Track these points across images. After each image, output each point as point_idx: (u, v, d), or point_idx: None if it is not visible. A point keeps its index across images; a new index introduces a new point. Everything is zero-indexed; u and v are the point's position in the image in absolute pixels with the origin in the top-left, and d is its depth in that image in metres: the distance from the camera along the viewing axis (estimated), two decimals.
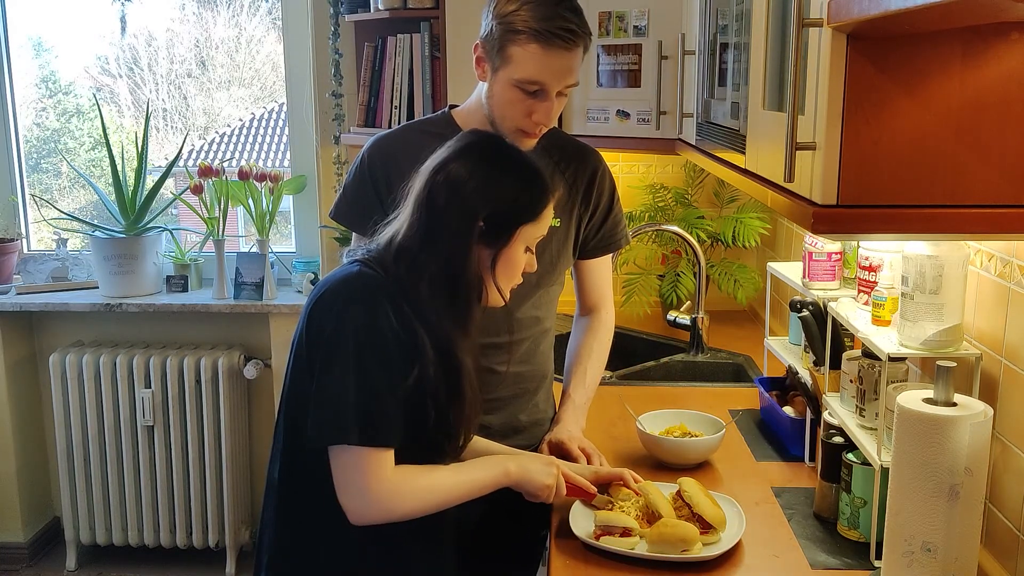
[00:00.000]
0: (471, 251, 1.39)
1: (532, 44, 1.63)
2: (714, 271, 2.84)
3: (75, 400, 3.32)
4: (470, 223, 1.39)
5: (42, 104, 4.11)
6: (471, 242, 1.39)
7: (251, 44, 4.56)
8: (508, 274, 1.46)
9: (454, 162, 1.40)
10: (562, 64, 1.66)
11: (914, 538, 1.27)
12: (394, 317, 1.35)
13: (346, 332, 1.33)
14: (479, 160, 1.42)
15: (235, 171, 3.28)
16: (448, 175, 1.39)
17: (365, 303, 1.35)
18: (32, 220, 3.63)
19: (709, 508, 1.55)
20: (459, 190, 1.38)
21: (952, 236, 1.37)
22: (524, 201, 1.43)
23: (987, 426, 1.25)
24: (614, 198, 1.92)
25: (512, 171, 1.44)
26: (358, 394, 1.32)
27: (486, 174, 1.41)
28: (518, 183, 1.43)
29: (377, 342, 1.34)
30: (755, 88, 1.48)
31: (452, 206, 1.38)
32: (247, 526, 3.51)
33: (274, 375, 3.34)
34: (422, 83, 2.85)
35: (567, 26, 1.63)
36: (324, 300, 1.38)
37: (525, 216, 1.43)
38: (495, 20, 1.67)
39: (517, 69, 1.65)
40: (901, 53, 1.10)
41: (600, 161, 1.90)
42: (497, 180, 1.41)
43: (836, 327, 1.72)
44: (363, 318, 1.33)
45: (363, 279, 1.38)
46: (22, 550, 3.49)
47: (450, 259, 1.39)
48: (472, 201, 1.39)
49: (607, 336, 1.97)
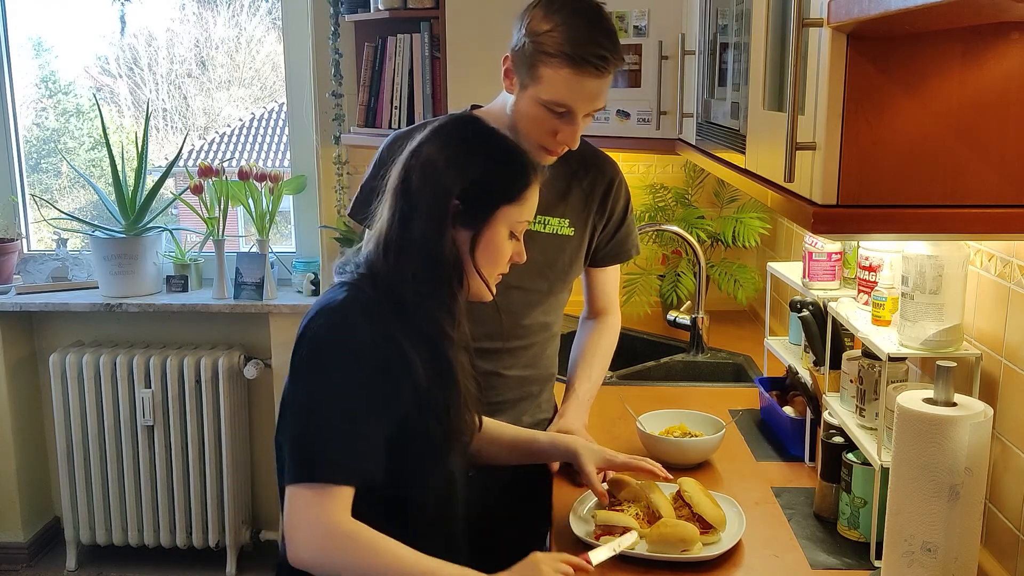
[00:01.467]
0: (446, 231, 1.35)
1: (564, 68, 1.61)
2: (714, 271, 2.84)
3: (75, 400, 3.32)
4: (444, 202, 1.34)
5: (42, 104, 4.11)
6: (446, 222, 1.35)
7: (251, 44, 4.56)
8: (491, 260, 1.41)
9: (427, 144, 1.38)
10: (592, 89, 1.64)
11: (914, 538, 1.27)
12: (379, 339, 1.31)
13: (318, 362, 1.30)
14: (451, 139, 1.39)
15: (235, 171, 3.28)
16: (421, 157, 1.37)
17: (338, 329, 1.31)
18: (32, 220, 3.63)
19: (709, 508, 1.55)
20: (432, 169, 1.35)
21: (952, 236, 1.38)
22: (500, 179, 1.39)
23: (987, 426, 1.25)
24: (628, 208, 1.93)
25: (486, 150, 1.40)
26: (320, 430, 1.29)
27: (458, 152, 1.37)
28: (492, 161, 1.39)
29: (353, 373, 1.30)
30: (755, 88, 1.48)
31: (426, 187, 1.35)
32: (247, 526, 3.51)
33: (274, 375, 3.35)
34: (422, 83, 2.85)
35: (600, 52, 1.61)
36: (302, 336, 1.34)
37: (502, 196, 1.39)
38: (527, 37, 1.64)
39: (546, 90, 1.63)
40: (901, 53, 1.10)
41: (617, 171, 1.91)
42: (470, 158, 1.38)
43: (836, 327, 1.72)
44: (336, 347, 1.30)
45: (338, 306, 1.33)
46: (22, 550, 3.49)
47: (427, 242, 1.35)
48: (445, 179, 1.35)
49: (614, 339, 1.99)
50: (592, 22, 1.63)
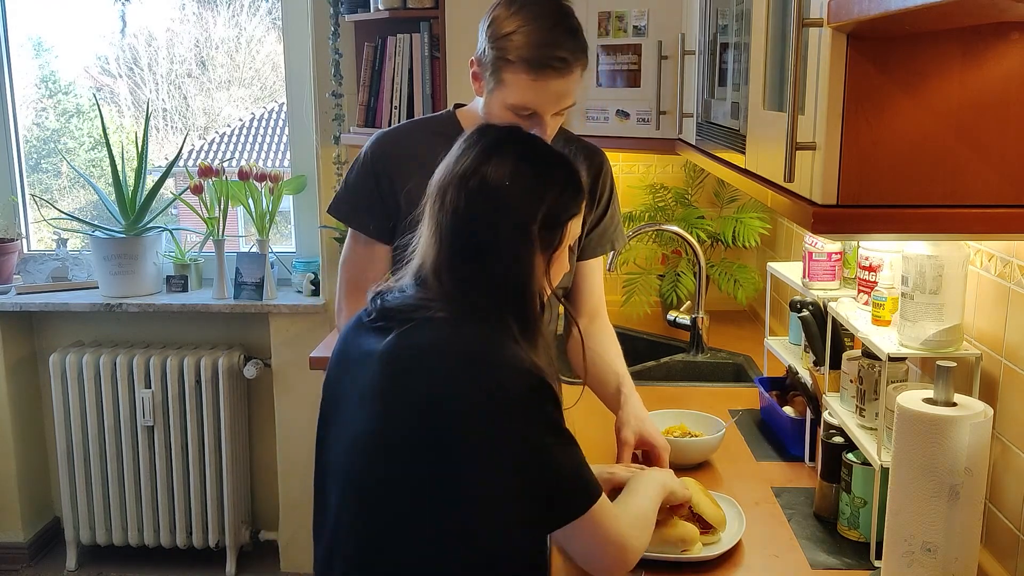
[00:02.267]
0: (535, 260, 1.26)
1: (523, 73, 1.60)
2: (714, 271, 2.84)
3: (75, 400, 3.32)
4: (528, 230, 1.24)
5: (42, 104, 4.10)
6: (534, 250, 1.25)
7: (251, 44, 4.56)
8: (558, 277, 1.35)
9: (487, 165, 1.25)
10: (555, 90, 1.63)
11: (914, 538, 1.27)
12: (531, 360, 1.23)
13: (519, 403, 1.19)
14: (516, 159, 1.27)
15: (235, 171, 3.28)
16: (484, 181, 1.24)
17: (510, 363, 1.20)
18: (32, 220, 3.63)
19: (709, 508, 1.55)
20: (505, 196, 1.24)
21: (952, 236, 1.38)
22: (570, 193, 1.31)
23: (987, 426, 1.25)
24: (613, 195, 1.92)
25: (549, 165, 1.31)
26: (566, 459, 1.21)
27: (529, 174, 1.27)
28: (559, 175, 1.31)
29: (550, 394, 1.21)
30: (755, 88, 1.48)
31: (502, 215, 1.24)
32: (247, 526, 3.51)
33: (274, 375, 3.35)
34: (422, 83, 2.85)
35: (559, 54, 1.59)
36: (452, 377, 1.20)
37: (573, 209, 1.31)
38: (488, 42, 1.64)
39: (510, 94, 1.63)
40: (901, 53, 1.10)
41: (605, 160, 1.90)
42: (541, 179, 1.28)
43: (836, 327, 1.72)
44: (524, 379, 1.20)
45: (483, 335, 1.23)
46: (22, 550, 3.49)
47: (514, 274, 1.25)
48: (524, 205, 1.25)
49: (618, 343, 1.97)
50: (552, 21, 1.61)
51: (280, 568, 3.46)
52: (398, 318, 1.27)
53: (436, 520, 1.21)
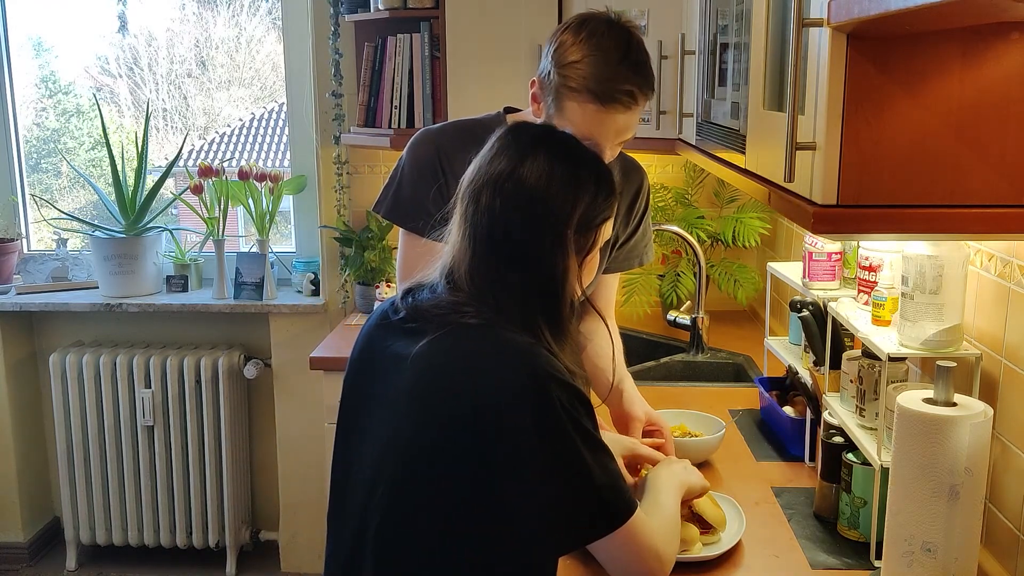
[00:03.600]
0: (570, 263, 1.24)
1: (589, 105, 1.55)
2: (714, 271, 2.84)
3: (75, 400, 3.32)
4: (563, 234, 1.23)
5: (42, 104, 4.10)
6: (568, 252, 1.23)
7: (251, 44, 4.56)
8: (588, 279, 1.32)
9: (522, 167, 1.23)
10: (620, 124, 1.59)
11: (914, 538, 1.27)
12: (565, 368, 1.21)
13: (556, 413, 1.16)
14: (551, 161, 1.25)
15: (235, 171, 3.28)
16: (520, 183, 1.23)
17: (547, 372, 1.17)
18: (32, 220, 3.63)
19: (709, 508, 1.55)
20: (540, 198, 1.22)
21: (952, 236, 1.37)
22: (603, 196, 1.28)
23: (987, 426, 1.25)
24: (646, 215, 1.92)
25: (584, 167, 1.28)
26: (602, 472, 1.19)
27: (564, 176, 1.24)
28: (593, 177, 1.28)
29: (583, 407, 1.19)
30: (755, 88, 1.48)
31: (537, 218, 1.22)
32: (247, 526, 3.51)
33: (274, 375, 3.35)
34: (422, 83, 2.85)
35: (627, 88, 1.55)
36: (487, 385, 1.17)
37: (606, 212, 1.29)
38: (554, 66, 1.58)
39: (571, 123, 1.58)
40: (901, 53, 1.10)
41: (644, 178, 1.89)
42: (576, 179, 1.25)
43: (836, 327, 1.72)
44: (561, 389, 1.17)
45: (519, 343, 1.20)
46: (22, 550, 3.49)
47: (548, 279, 1.23)
48: (559, 208, 1.23)
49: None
50: (621, 54, 1.56)
51: (280, 568, 3.46)
52: (433, 321, 1.24)
53: (469, 527, 1.19)
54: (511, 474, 1.16)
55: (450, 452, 1.19)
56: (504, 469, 1.16)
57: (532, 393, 1.16)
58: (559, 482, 1.17)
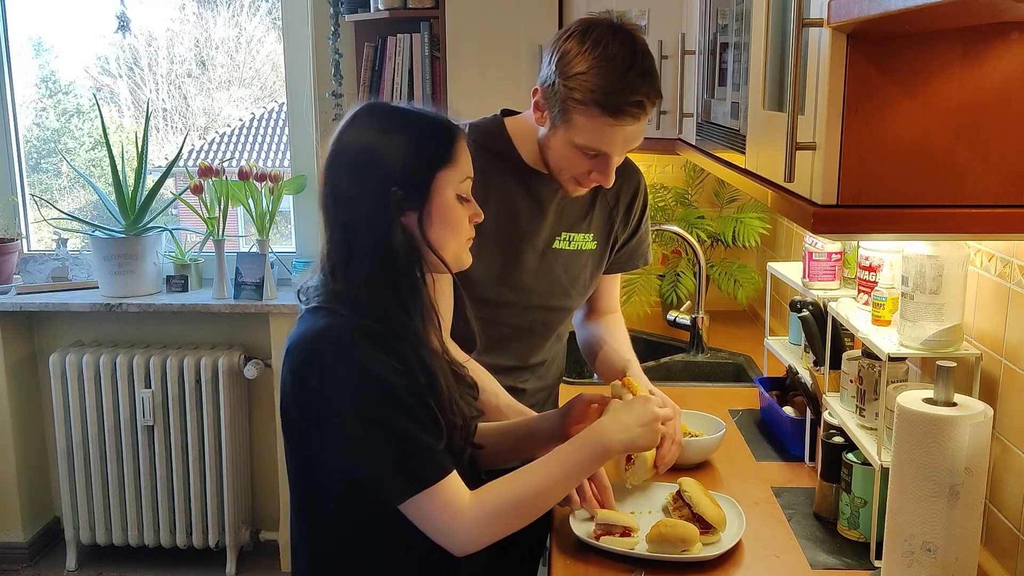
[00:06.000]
0: (394, 223, 1.28)
1: (598, 117, 1.54)
2: (714, 271, 2.84)
3: (75, 400, 3.32)
4: (384, 190, 1.27)
5: (42, 104, 4.11)
6: (391, 212, 1.28)
7: (251, 44, 4.56)
8: (448, 231, 1.33)
9: (341, 142, 1.31)
10: (628, 134, 1.58)
11: (914, 538, 1.27)
12: (380, 353, 1.26)
13: (344, 397, 1.25)
14: (365, 129, 1.31)
15: (235, 171, 3.28)
16: (341, 158, 1.31)
17: (345, 358, 1.26)
18: (32, 220, 3.63)
19: (709, 508, 1.55)
20: (360, 161, 1.29)
21: (952, 236, 1.37)
22: (428, 148, 1.31)
23: (987, 426, 1.25)
24: (645, 215, 1.92)
25: (402, 125, 1.33)
26: (390, 448, 1.25)
27: (378, 138, 1.30)
28: (414, 132, 1.32)
29: (378, 390, 1.26)
30: (755, 88, 1.48)
31: (359, 185, 1.29)
32: (247, 526, 3.51)
33: (274, 375, 3.34)
34: (422, 83, 2.85)
35: (636, 99, 1.54)
36: (303, 367, 1.29)
37: (438, 160, 1.31)
38: (559, 77, 1.56)
39: (579, 136, 1.57)
40: (901, 53, 1.10)
41: (641, 179, 1.89)
42: (391, 139, 1.30)
43: (836, 327, 1.72)
44: (351, 375, 1.25)
45: (329, 331, 1.28)
46: (22, 550, 3.49)
47: (377, 241, 1.28)
48: (377, 170, 1.28)
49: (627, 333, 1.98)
50: (628, 63, 1.54)
51: (280, 568, 3.46)
52: (304, 308, 1.36)
53: (304, 490, 1.37)
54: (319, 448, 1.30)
55: (286, 428, 1.35)
56: (315, 445, 1.30)
57: (316, 380, 1.27)
58: (338, 460, 1.29)
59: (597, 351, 1.91)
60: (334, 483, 1.33)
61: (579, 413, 1.55)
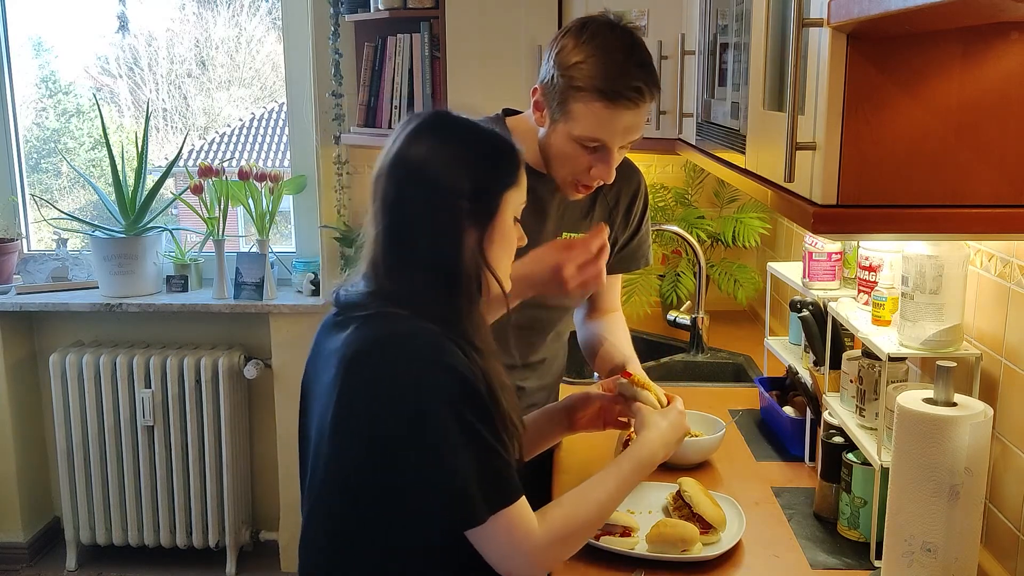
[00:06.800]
0: (463, 237, 1.26)
1: (596, 103, 1.54)
2: (714, 271, 2.84)
3: (75, 400, 3.32)
4: (454, 205, 1.25)
5: (42, 104, 4.11)
6: (461, 226, 1.25)
7: (251, 44, 4.56)
8: (504, 252, 1.33)
9: (410, 148, 1.28)
10: (627, 123, 1.58)
11: (914, 538, 1.27)
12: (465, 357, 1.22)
13: (439, 406, 1.19)
14: (437, 137, 1.29)
15: (235, 171, 3.28)
16: (410, 163, 1.27)
17: (440, 363, 1.20)
18: (32, 220, 3.63)
19: (709, 508, 1.55)
20: (429, 174, 1.26)
21: (952, 236, 1.37)
22: (500, 164, 1.31)
23: (987, 426, 1.25)
24: (645, 216, 1.92)
25: (476, 140, 1.32)
26: (475, 466, 1.19)
27: (452, 149, 1.28)
28: (488, 147, 1.31)
29: (470, 399, 1.20)
30: (755, 88, 1.48)
31: (427, 194, 1.26)
32: (247, 526, 3.51)
33: (274, 375, 3.35)
34: (422, 83, 2.85)
35: (635, 85, 1.54)
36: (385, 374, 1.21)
37: (506, 180, 1.30)
38: (557, 70, 1.57)
39: (578, 126, 1.57)
40: (901, 53, 1.10)
41: (641, 180, 1.89)
42: (465, 152, 1.28)
43: (836, 327, 1.72)
44: (449, 383, 1.19)
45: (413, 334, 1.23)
46: (22, 550, 3.49)
47: (442, 254, 1.26)
48: (448, 180, 1.25)
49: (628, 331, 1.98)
50: (625, 53, 1.56)
51: (280, 568, 3.46)
52: (351, 314, 1.30)
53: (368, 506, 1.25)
54: (388, 461, 1.21)
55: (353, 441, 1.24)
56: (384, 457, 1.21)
57: (414, 384, 1.20)
58: (430, 474, 1.20)
59: (597, 349, 1.91)
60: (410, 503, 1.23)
61: (581, 404, 1.61)
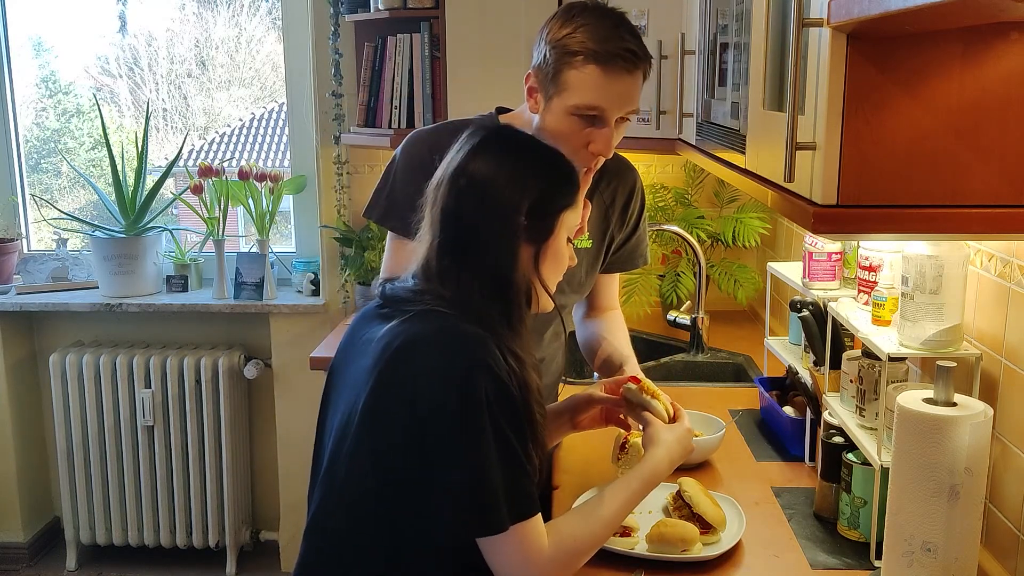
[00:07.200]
0: (518, 251, 1.29)
1: (590, 66, 1.54)
2: (714, 271, 2.84)
3: (75, 400, 3.32)
4: (512, 220, 1.28)
5: (42, 104, 4.11)
6: (517, 241, 1.28)
7: (251, 44, 4.56)
8: (556, 270, 1.36)
9: (473, 162, 1.30)
10: (622, 88, 1.57)
11: (914, 538, 1.27)
12: (506, 365, 1.23)
13: (479, 406, 1.19)
14: (500, 153, 1.32)
15: (235, 171, 3.28)
16: (472, 177, 1.29)
17: (485, 365, 1.20)
18: (32, 220, 3.63)
19: (709, 508, 1.55)
20: (489, 189, 1.28)
21: (952, 236, 1.37)
22: (559, 186, 1.33)
23: (987, 426, 1.25)
24: (643, 214, 1.92)
25: (538, 158, 1.35)
26: (504, 473, 1.19)
27: (514, 165, 1.31)
28: (548, 168, 1.34)
29: (508, 406, 1.21)
30: (755, 88, 1.48)
31: (487, 208, 1.28)
32: (247, 526, 3.51)
33: (274, 375, 3.35)
34: (422, 83, 2.85)
35: (627, 47, 1.55)
36: (433, 367, 1.22)
37: (565, 200, 1.33)
38: (548, 46, 1.58)
39: (574, 94, 1.56)
40: (901, 53, 1.10)
41: (637, 178, 1.89)
42: (527, 170, 1.31)
43: (836, 327, 1.72)
44: (491, 384, 1.20)
45: (464, 333, 1.23)
46: (22, 550, 3.49)
47: (499, 267, 1.28)
48: (508, 197, 1.28)
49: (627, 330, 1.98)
50: (615, 21, 1.58)
51: (280, 568, 3.46)
52: (399, 308, 1.31)
53: (375, 500, 1.25)
54: (417, 452, 1.21)
55: (385, 428, 1.24)
56: (412, 449, 1.22)
57: (459, 381, 1.20)
58: (458, 474, 1.20)
59: (596, 347, 1.91)
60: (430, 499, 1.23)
61: (584, 406, 1.60)
